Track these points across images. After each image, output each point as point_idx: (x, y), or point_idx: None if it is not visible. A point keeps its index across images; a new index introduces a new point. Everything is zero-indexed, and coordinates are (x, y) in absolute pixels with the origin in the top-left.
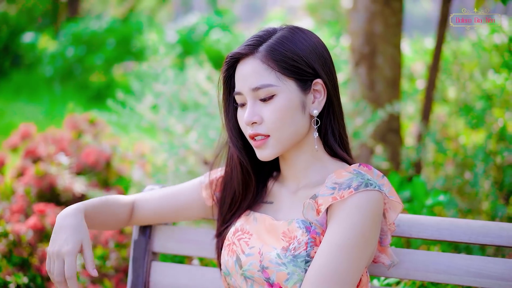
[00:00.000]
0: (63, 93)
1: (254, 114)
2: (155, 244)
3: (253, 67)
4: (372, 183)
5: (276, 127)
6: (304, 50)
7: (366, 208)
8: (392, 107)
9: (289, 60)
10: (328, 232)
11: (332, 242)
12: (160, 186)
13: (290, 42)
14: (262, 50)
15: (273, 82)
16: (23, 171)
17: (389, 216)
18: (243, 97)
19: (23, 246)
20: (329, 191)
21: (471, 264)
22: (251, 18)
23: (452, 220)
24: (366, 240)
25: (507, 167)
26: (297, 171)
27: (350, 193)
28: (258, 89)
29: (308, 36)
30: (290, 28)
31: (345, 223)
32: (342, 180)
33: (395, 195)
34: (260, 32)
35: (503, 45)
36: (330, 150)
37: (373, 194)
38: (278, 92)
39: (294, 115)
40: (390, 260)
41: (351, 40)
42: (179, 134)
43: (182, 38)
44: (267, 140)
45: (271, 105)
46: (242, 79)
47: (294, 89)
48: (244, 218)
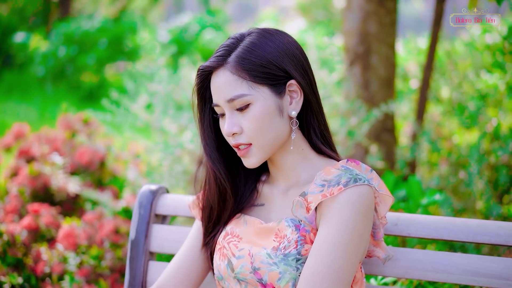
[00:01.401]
0: (55, 93)
1: (233, 125)
2: (152, 243)
3: (225, 79)
4: (361, 178)
5: (256, 135)
6: (273, 53)
7: (357, 203)
8: (387, 107)
9: (258, 67)
10: (321, 230)
11: (326, 240)
12: (156, 185)
13: (257, 48)
14: (231, 61)
15: (246, 92)
16: (16, 171)
17: (380, 210)
18: (221, 108)
19: (17, 246)
20: (318, 188)
21: (469, 263)
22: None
23: (450, 219)
24: (360, 235)
25: (501, 167)
26: (285, 172)
27: (340, 190)
28: (233, 100)
29: (277, 38)
30: (258, 32)
31: (337, 220)
32: (331, 177)
33: (385, 189)
34: (228, 41)
35: (495, 45)
36: (315, 147)
37: (363, 188)
38: (252, 100)
39: (272, 120)
40: (384, 254)
41: (345, 39)
42: (173, 134)
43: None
44: (250, 149)
45: (248, 114)
46: (216, 91)
47: (269, 95)
48: (235, 222)
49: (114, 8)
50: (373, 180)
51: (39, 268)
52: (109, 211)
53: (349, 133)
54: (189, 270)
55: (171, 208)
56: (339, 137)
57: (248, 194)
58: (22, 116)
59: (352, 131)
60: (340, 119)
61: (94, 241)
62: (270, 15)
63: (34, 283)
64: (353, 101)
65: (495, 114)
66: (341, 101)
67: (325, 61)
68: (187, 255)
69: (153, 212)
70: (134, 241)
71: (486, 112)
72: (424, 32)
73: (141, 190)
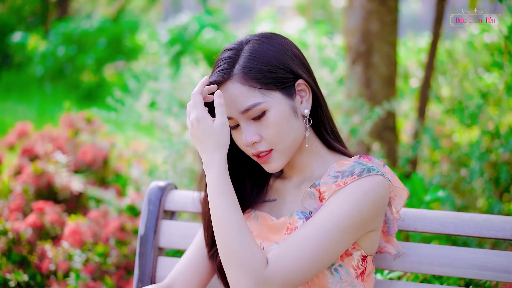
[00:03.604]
0: (54, 92)
1: (252, 134)
2: (161, 239)
3: (235, 91)
4: (375, 169)
5: (276, 141)
6: (277, 57)
7: (368, 189)
8: (389, 105)
9: (267, 73)
10: (328, 201)
11: (327, 208)
12: (164, 182)
13: (261, 54)
14: (238, 72)
15: (260, 100)
16: (20, 170)
17: (395, 204)
18: (234, 120)
19: (22, 244)
20: (332, 179)
21: (475, 257)
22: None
23: (456, 214)
24: (362, 217)
25: (502, 164)
26: (299, 169)
27: (353, 179)
28: (248, 111)
29: (275, 41)
30: (256, 39)
31: (344, 196)
32: (345, 168)
33: (399, 182)
34: (227, 53)
35: (493, 44)
36: (327, 144)
37: (377, 177)
38: (267, 107)
39: (290, 123)
40: (396, 250)
41: (347, 38)
42: (177, 131)
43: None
44: (271, 154)
45: (265, 121)
46: (228, 104)
47: (281, 98)
48: (245, 217)
49: (112, 8)
50: (386, 174)
51: (44, 265)
52: (113, 209)
53: (352, 131)
54: (197, 269)
55: (179, 204)
56: (341, 135)
57: (259, 190)
58: (21, 115)
59: (355, 129)
60: (343, 117)
61: (99, 239)
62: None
63: (39, 280)
64: (355, 99)
65: (494, 112)
66: (343, 99)
67: (326, 60)
68: (195, 254)
69: (162, 208)
70: (143, 237)
71: (487, 111)
72: (422, 32)
73: (150, 187)
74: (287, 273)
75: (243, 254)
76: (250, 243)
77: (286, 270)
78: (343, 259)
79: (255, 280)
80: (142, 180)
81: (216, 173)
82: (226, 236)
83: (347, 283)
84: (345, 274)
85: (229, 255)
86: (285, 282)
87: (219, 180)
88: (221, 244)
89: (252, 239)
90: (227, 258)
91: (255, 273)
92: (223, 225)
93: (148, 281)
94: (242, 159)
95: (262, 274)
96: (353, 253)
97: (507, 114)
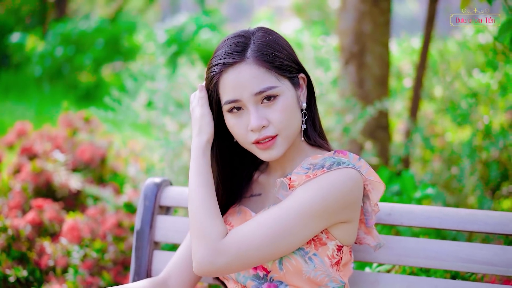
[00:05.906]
0: (52, 93)
1: (261, 118)
2: (157, 234)
3: (250, 73)
4: (345, 162)
5: (284, 126)
6: (286, 48)
7: (336, 180)
8: (381, 104)
9: (282, 60)
10: (295, 190)
11: (293, 195)
12: (160, 178)
13: (273, 42)
14: (253, 55)
15: (275, 84)
16: (19, 168)
17: (372, 197)
18: (241, 103)
19: (22, 240)
20: (304, 170)
21: (460, 250)
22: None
23: (441, 209)
24: (326, 205)
25: (492, 163)
26: (283, 163)
27: (323, 172)
28: (262, 93)
29: (278, 34)
30: (262, 29)
31: (311, 186)
32: (317, 161)
33: (375, 176)
34: (236, 39)
35: (487, 44)
36: (308, 139)
37: (347, 170)
38: (280, 92)
39: (295, 112)
40: (375, 242)
41: (340, 39)
42: (173, 130)
43: (172, 38)
44: (276, 140)
45: (275, 105)
46: (239, 86)
47: (290, 87)
48: (231, 211)
49: (110, 8)
50: (361, 168)
51: (43, 261)
52: (111, 206)
53: (345, 130)
54: (191, 262)
55: (174, 200)
56: (335, 134)
57: (246, 185)
58: (20, 115)
59: (347, 128)
60: (336, 116)
61: (97, 235)
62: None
63: (38, 276)
64: (348, 99)
65: (486, 112)
66: (336, 99)
67: (321, 60)
68: (190, 247)
69: (158, 203)
70: (140, 232)
71: (478, 110)
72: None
73: (146, 183)
74: (241, 245)
75: (204, 224)
76: (213, 216)
77: (240, 242)
78: (318, 248)
79: (210, 249)
80: (139, 178)
81: (194, 153)
82: (194, 209)
83: (322, 271)
84: (319, 263)
85: (193, 226)
86: (238, 255)
87: (195, 161)
88: (190, 216)
89: (216, 214)
90: (192, 229)
91: (211, 243)
92: (193, 199)
93: (144, 274)
94: (233, 156)
95: (216, 244)
96: (327, 242)
97: (499, 114)
